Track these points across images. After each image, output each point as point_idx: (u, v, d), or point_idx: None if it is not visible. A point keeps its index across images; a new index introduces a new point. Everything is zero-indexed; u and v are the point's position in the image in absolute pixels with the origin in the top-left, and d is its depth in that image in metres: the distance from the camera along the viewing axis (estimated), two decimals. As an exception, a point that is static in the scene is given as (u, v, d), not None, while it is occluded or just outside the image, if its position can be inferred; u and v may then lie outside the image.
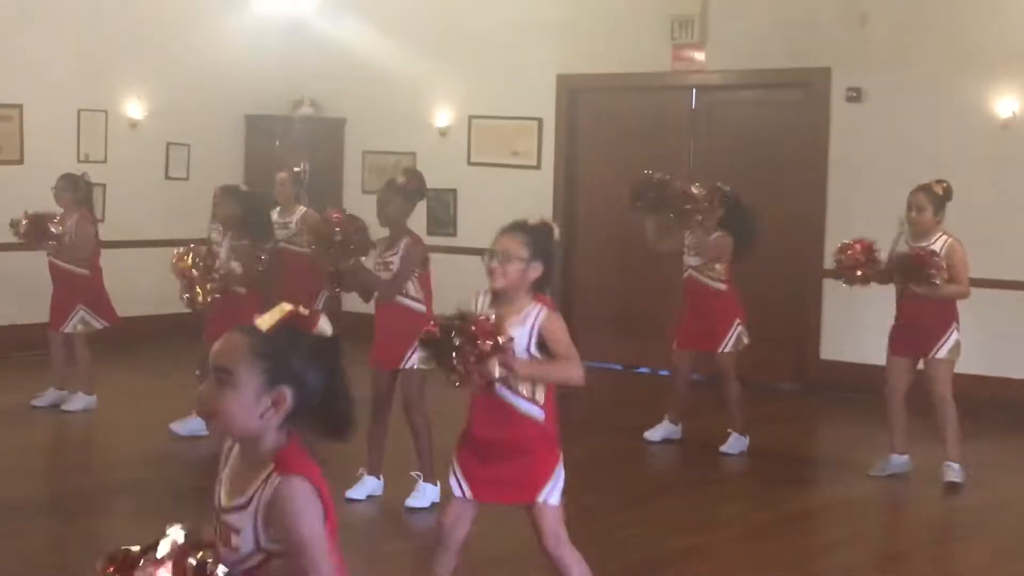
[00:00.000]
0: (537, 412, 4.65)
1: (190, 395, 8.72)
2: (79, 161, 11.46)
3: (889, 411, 7.78)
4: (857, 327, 10.45)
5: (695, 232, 8.50)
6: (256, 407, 2.75)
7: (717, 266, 8.46)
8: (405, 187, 6.97)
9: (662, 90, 11.72)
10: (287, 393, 2.76)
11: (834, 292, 9.46)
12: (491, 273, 4.65)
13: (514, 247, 4.63)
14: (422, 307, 6.77)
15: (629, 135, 11.82)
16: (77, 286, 9.12)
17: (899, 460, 7.84)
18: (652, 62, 11.46)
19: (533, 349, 4.60)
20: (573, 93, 12.08)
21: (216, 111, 12.81)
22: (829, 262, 8.59)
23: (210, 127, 12.77)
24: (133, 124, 12.26)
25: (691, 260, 8.57)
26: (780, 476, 8.19)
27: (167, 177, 12.54)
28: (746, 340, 8.52)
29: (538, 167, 12.23)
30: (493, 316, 4.44)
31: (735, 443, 8.39)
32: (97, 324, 9.21)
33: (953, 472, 7.55)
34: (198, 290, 7.73)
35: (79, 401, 9.11)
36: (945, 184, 7.86)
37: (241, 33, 12.80)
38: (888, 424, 7.78)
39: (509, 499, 4.71)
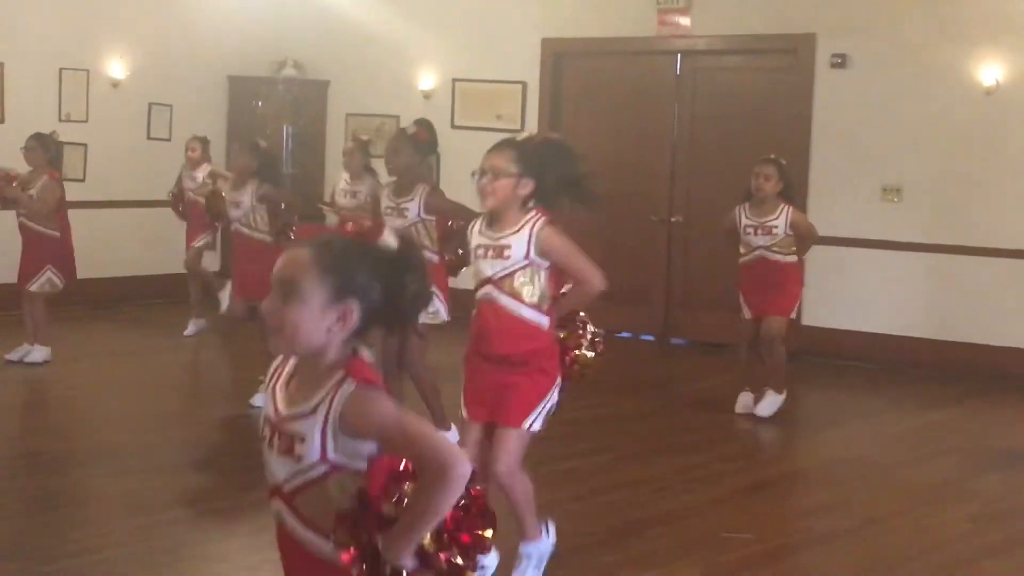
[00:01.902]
0: (543, 320, 4.65)
1: (171, 356, 8.77)
2: (60, 120, 11.40)
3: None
4: (838, 295, 10.51)
5: (756, 211, 8.31)
6: (322, 320, 2.68)
7: (785, 243, 8.26)
8: (415, 137, 6.96)
9: (647, 55, 11.70)
10: (354, 307, 2.70)
11: (816, 260, 9.47)
12: (481, 192, 4.64)
13: (501, 163, 4.60)
14: (434, 256, 6.82)
15: (613, 99, 11.80)
16: (46, 247, 9.16)
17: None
18: (637, 26, 11.44)
19: (533, 255, 4.58)
20: (558, 57, 12.05)
21: (199, 72, 12.75)
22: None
23: (192, 88, 12.71)
24: (115, 84, 12.19)
25: (758, 240, 8.28)
26: (764, 440, 8.27)
27: (149, 137, 12.47)
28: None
29: (522, 131, 12.18)
30: None
31: (774, 403, 8.37)
32: (60, 284, 9.25)
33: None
34: None
35: (37, 352, 9.19)
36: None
37: (224, -7, 12.74)
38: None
39: (497, 421, 4.66)
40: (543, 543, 4.85)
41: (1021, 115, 9.98)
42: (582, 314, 4.79)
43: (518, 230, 4.60)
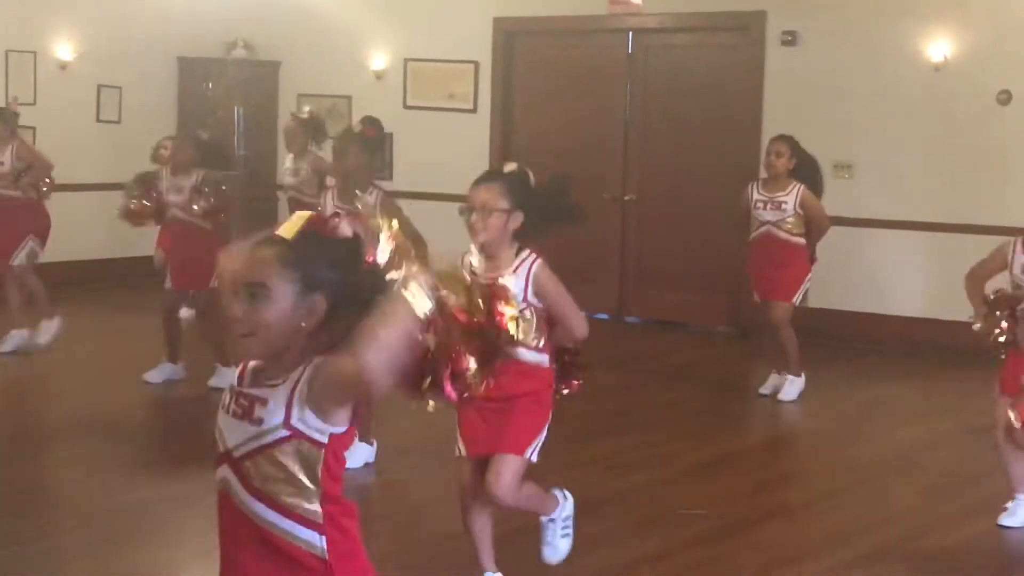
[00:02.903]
0: (544, 359, 4.60)
1: (127, 339, 8.70)
2: (7, 104, 11.26)
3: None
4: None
5: (767, 186, 8.32)
6: (294, 317, 2.69)
7: (791, 220, 8.24)
8: (363, 136, 6.70)
9: (598, 33, 11.70)
10: (321, 300, 2.70)
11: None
12: (472, 228, 4.53)
13: (492, 199, 4.50)
14: None
15: (566, 78, 11.80)
16: (26, 214, 8.99)
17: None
18: (588, 5, 11.43)
19: (531, 297, 4.47)
20: (509, 36, 12.03)
21: (148, 53, 12.63)
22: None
23: (142, 69, 12.60)
24: (63, 66, 12.06)
25: (767, 215, 8.28)
26: (719, 417, 8.31)
27: (98, 120, 12.36)
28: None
29: (474, 111, 12.19)
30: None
31: (794, 387, 8.37)
32: (41, 252, 9.14)
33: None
34: None
35: (46, 332, 9.04)
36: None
37: (172, -27, 12.63)
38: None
39: (497, 450, 4.57)
40: (561, 507, 4.89)
41: (969, 91, 10.06)
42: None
43: (515, 271, 4.48)
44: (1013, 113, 9.92)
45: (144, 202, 8.23)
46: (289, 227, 2.76)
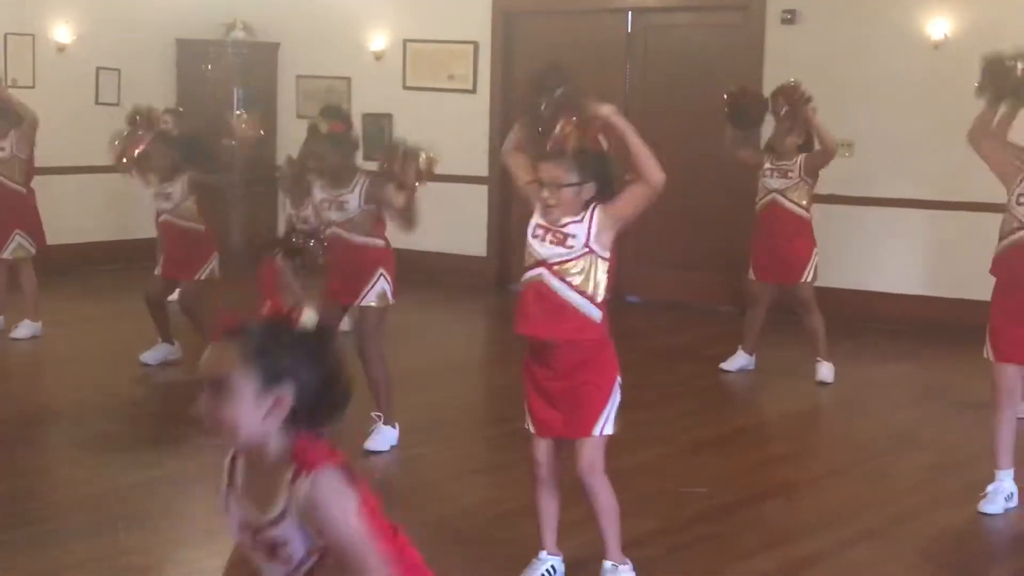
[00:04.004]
0: (595, 312, 4.58)
1: (128, 322, 8.73)
2: (7, 87, 11.24)
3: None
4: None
5: (776, 156, 8.34)
6: (257, 411, 2.69)
7: (798, 193, 8.28)
8: (332, 134, 6.52)
9: (598, 13, 11.68)
10: (286, 393, 2.71)
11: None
12: (544, 205, 4.52)
13: (560, 173, 4.49)
14: (380, 241, 6.59)
15: (565, 58, 11.57)
16: (13, 205, 9.00)
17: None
18: (588, -16, 11.41)
19: (592, 242, 4.50)
20: (509, 16, 12.00)
21: (146, 35, 12.61)
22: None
23: (140, 51, 12.58)
24: (61, 48, 12.04)
25: (773, 183, 8.34)
26: (721, 396, 8.34)
27: (97, 102, 12.33)
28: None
29: (474, 91, 12.17)
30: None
31: (827, 370, 8.36)
32: (32, 248, 9.13)
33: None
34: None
35: (23, 329, 9.04)
36: None
37: (171, -45, 12.60)
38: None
39: (569, 435, 4.63)
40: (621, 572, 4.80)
41: (969, 68, 9.98)
42: None
43: (580, 220, 4.52)
44: (1013, 91, 9.88)
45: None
46: (252, 321, 2.75)
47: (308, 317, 2.77)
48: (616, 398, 4.63)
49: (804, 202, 8.32)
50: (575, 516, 4.85)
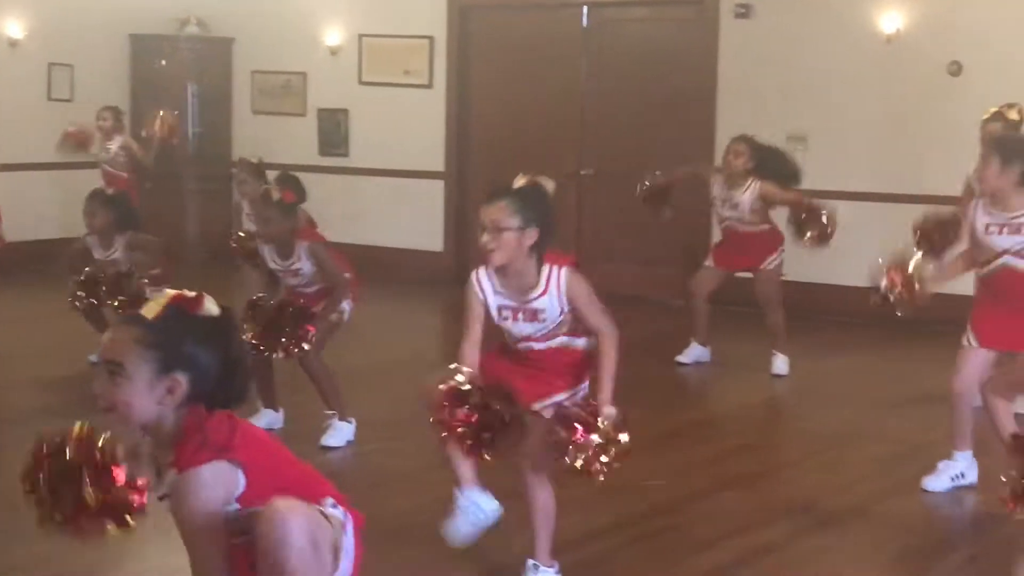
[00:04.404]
0: (582, 342, 4.61)
1: (79, 321, 8.66)
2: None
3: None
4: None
5: (726, 184, 8.40)
6: (151, 395, 2.76)
7: (749, 216, 8.38)
8: (283, 203, 6.52)
9: (553, 7, 11.71)
10: (181, 379, 2.76)
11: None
12: (485, 249, 4.36)
13: (502, 217, 4.32)
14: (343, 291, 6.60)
15: (521, 53, 11.79)
16: None
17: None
18: (543, -21, 11.43)
19: (567, 308, 4.45)
20: (465, 11, 12.00)
21: (99, 30, 12.52)
22: (720, 177, 8.66)
23: (93, 47, 12.49)
24: (13, 43, 11.94)
25: (727, 212, 8.46)
26: (678, 389, 8.40)
27: (50, 98, 12.24)
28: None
29: (430, 86, 12.16)
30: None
31: (783, 363, 8.43)
32: None
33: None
34: None
35: None
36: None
37: (123, -50, 12.52)
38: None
39: (529, 393, 4.50)
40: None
41: (921, 62, 10.13)
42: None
43: (545, 291, 4.43)
44: (963, 84, 10.00)
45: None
46: (152, 306, 2.79)
47: (210, 303, 2.79)
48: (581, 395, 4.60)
49: (761, 220, 8.45)
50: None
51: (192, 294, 2.82)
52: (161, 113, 10.63)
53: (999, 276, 5.71)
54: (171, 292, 2.84)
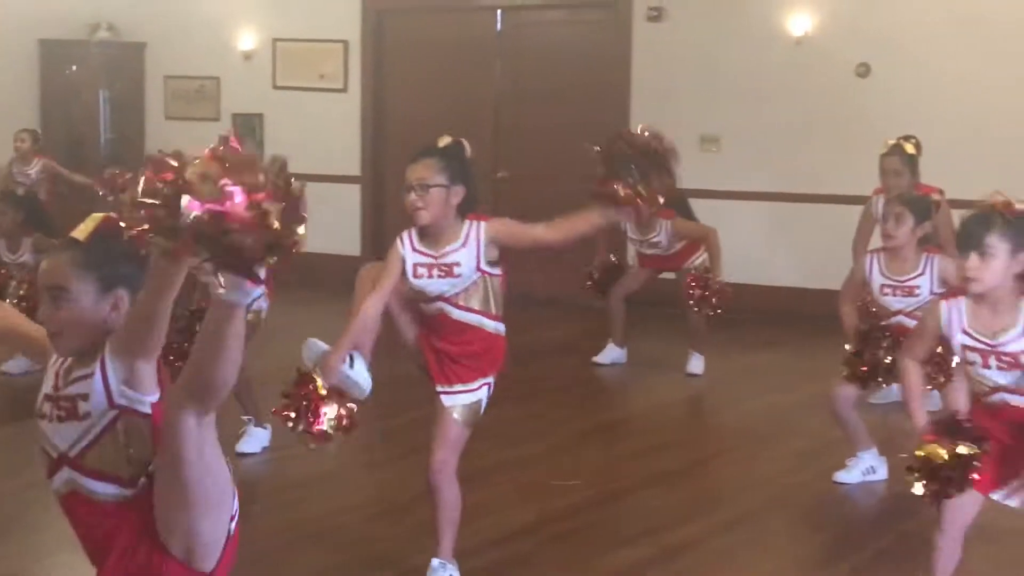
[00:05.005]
0: (499, 327, 4.53)
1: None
2: None
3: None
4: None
5: (636, 228, 8.40)
6: (96, 313, 2.83)
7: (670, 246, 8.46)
8: None
9: (468, 11, 11.74)
10: (123, 294, 2.85)
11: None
12: (412, 208, 4.35)
13: (429, 175, 4.35)
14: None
15: (436, 57, 11.81)
16: None
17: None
18: (457, -17, 11.46)
19: (484, 266, 4.43)
20: (379, 15, 12.00)
21: (7, 36, 12.34)
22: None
23: (1, 53, 12.31)
24: (-82, 50, 11.76)
25: (648, 251, 8.54)
26: (595, 388, 8.45)
27: (-43, 105, 12.07)
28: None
29: (345, 90, 12.15)
30: None
31: (698, 362, 8.49)
32: None
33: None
34: None
35: None
36: None
37: (31, -46, 12.36)
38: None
39: (437, 377, 4.51)
40: None
41: (829, 63, 10.29)
42: None
43: (464, 244, 4.42)
44: (871, 85, 10.17)
45: None
46: (82, 229, 2.88)
47: None
48: (484, 393, 4.59)
49: (676, 241, 8.49)
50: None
51: (116, 216, 2.88)
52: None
53: (892, 327, 5.85)
54: (98, 215, 2.91)
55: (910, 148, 7.53)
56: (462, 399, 4.53)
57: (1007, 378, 3.96)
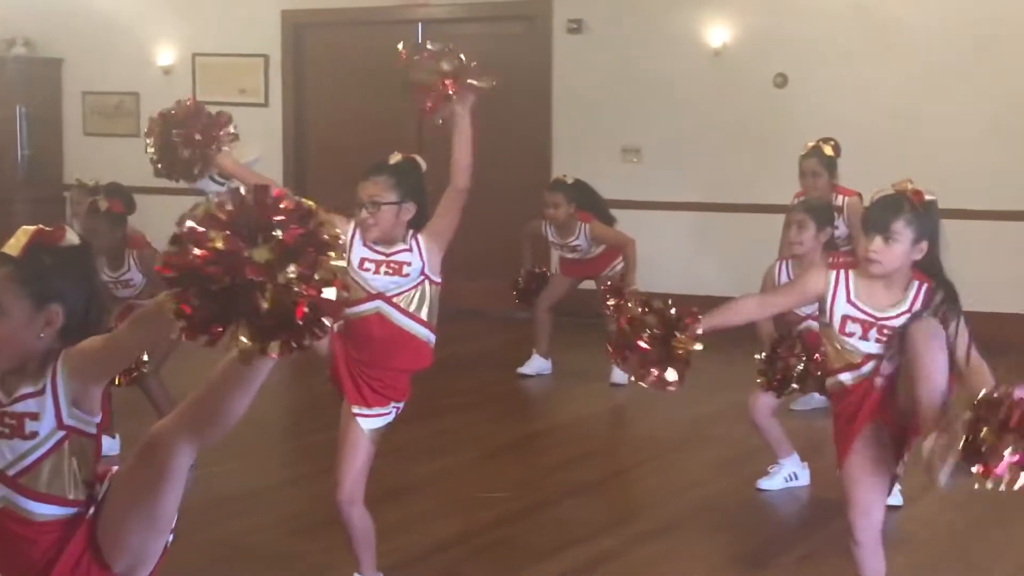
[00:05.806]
0: (432, 338, 4.56)
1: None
2: None
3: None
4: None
5: (557, 232, 8.61)
6: (31, 329, 2.78)
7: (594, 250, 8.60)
8: (109, 213, 6.52)
9: (388, 24, 11.74)
10: (58, 309, 2.79)
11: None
12: (363, 225, 4.38)
13: (380, 192, 4.40)
14: None
15: (357, 71, 11.80)
16: None
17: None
18: (377, -4, 11.46)
19: (428, 270, 4.47)
20: (299, 29, 11.97)
21: (-79, 52, 12.18)
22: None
23: (-85, 69, 12.15)
24: None
25: (569, 255, 8.70)
26: (520, 401, 8.49)
27: None
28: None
29: (266, 105, 12.11)
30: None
31: (622, 372, 8.50)
32: None
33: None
34: None
35: None
36: None
37: (-56, -31, 12.20)
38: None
39: (351, 398, 4.50)
40: None
41: (747, 75, 10.42)
42: None
43: (409, 249, 4.47)
44: (789, 96, 10.31)
45: None
46: (14, 243, 2.82)
47: (70, 233, 2.83)
48: (394, 413, 4.59)
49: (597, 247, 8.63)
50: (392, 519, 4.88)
51: (50, 228, 2.84)
52: None
53: (804, 334, 5.98)
54: (30, 228, 2.84)
55: (828, 150, 7.66)
56: (377, 422, 4.54)
57: (878, 348, 4.08)
